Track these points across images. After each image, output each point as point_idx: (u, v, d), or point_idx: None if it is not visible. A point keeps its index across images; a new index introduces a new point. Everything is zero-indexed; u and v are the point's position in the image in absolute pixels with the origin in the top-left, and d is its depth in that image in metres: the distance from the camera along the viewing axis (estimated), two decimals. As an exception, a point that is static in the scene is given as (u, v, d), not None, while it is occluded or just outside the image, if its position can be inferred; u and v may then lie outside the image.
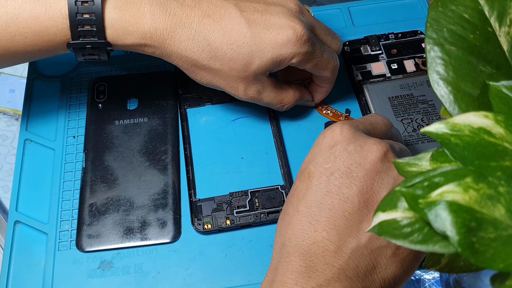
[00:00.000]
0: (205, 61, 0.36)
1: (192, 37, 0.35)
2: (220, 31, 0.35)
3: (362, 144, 0.30)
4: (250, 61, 0.36)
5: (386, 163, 0.30)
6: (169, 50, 0.36)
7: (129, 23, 0.35)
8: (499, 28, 0.24)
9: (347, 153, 0.30)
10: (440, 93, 0.23)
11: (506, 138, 0.20)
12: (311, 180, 0.30)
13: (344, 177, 0.29)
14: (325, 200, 0.29)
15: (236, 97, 0.39)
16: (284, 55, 0.36)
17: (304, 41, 0.36)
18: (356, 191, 0.29)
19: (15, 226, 0.40)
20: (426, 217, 0.18)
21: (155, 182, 0.41)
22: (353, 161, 0.30)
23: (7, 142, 0.50)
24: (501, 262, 0.17)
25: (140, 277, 0.37)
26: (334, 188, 0.29)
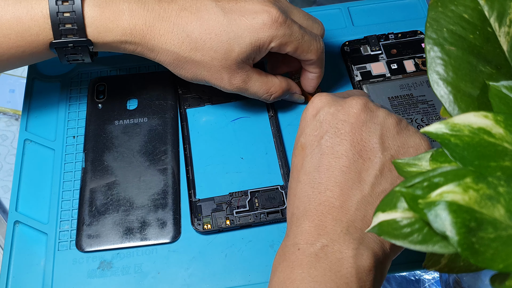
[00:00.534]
0: (186, 53, 0.37)
1: (171, 30, 0.36)
2: (198, 22, 0.36)
3: (341, 103, 0.32)
4: (230, 49, 0.36)
5: (368, 113, 0.31)
6: (150, 45, 0.37)
7: (108, 20, 0.36)
8: (499, 28, 0.24)
9: (330, 115, 0.32)
10: (440, 93, 0.23)
11: (505, 138, 0.20)
12: (305, 151, 0.32)
13: (334, 136, 0.31)
14: (322, 162, 0.31)
15: (222, 89, 0.39)
16: (262, 38, 0.36)
17: (280, 23, 0.36)
18: (348, 146, 0.30)
19: (15, 226, 0.40)
20: (426, 217, 0.18)
21: (155, 182, 0.41)
22: (338, 119, 0.31)
23: (7, 142, 0.50)
24: (500, 262, 0.17)
25: (140, 277, 0.37)
26: (327, 149, 0.31)
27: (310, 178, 0.31)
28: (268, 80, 0.40)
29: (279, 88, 0.41)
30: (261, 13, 0.36)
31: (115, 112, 0.45)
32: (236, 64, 0.37)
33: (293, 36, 0.37)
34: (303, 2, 0.61)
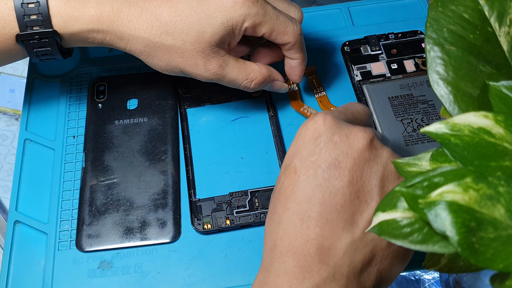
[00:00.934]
0: (157, 37, 0.36)
1: (139, 14, 0.35)
2: (167, 5, 0.35)
3: (347, 133, 0.29)
4: (202, 30, 0.35)
5: (373, 151, 0.29)
6: (118, 32, 0.36)
7: (74, 8, 0.35)
8: (499, 28, 0.24)
9: (333, 143, 0.29)
10: (440, 93, 0.23)
11: (506, 138, 0.20)
12: (298, 175, 0.29)
13: (333, 168, 0.28)
14: (315, 195, 0.28)
15: (199, 77, 0.38)
16: (234, 17, 0.35)
17: (252, 1, 0.35)
18: (346, 182, 0.28)
19: (15, 226, 0.40)
20: (426, 217, 0.18)
21: (155, 182, 0.41)
22: (339, 151, 0.29)
23: (7, 142, 0.50)
24: (500, 262, 0.17)
25: (140, 277, 0.37)
26: (323, 181, 0.28)
27: (300, 209, 0.28)
28: (247, 66, 0.39)
29: (259, 74, 0.39)
30: None
31: (115, 112, 0.45)
32: (210, 47, 0.36)
33: (267, 15, 0.36)
34: (303, 2, 0.61)
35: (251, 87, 0.39)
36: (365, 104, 0.45)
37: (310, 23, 0.50)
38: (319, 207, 0.28)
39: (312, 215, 0.28)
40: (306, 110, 0.44)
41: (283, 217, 0.29)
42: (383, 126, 0.43)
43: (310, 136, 0.30)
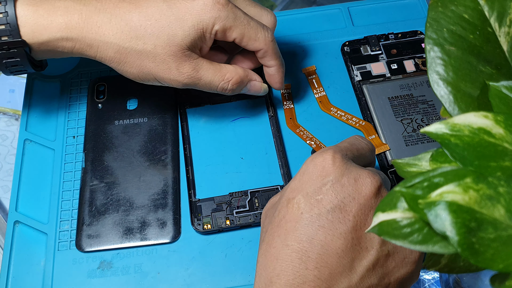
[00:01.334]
0: (127, 42, 0.35)
1: (109, 20, 0.35)
2: (137, 10, 0.35)
3: (355, 176, 0.29)
4: (173, 33, 0.35)
5: (379, 198, 0.29)
6: (88, 40, 0.35)
7: (42, 17, 0.35)
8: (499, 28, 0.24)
9: (340, 185, 0.29)
10: (440, 93, 0.23)
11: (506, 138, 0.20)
12: (301, 212, 0.28)
13: (338, 211, 0.28)
14: (317, 236, 0.28)
15: (174, 83, 0.37)
16: (204, 20, 0.35)
17: (222, 5, 0.35)
18: (350, 228, 0.28)
19: (15, 226, 0.40)
20: (426, 217, 0.18)
21: (154, 182, 0.41)
22: (346, 194, 0.28)
23: (7, 142, 0.50)
24: (500, 263, 0.17)
25: (139, 277, 0.37)
26: (327, 223, 0.28)
27: (300, 248, 0.28)
28: (222, 67, 0.38)
29: (235, 74, 0.38)
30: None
31: (115, 112, 0.45)
32: (182, 50, 0.36)
33: (237, 20, 0.36)
34: (303, 2, 0.61)
35: (228, 88, 0.39)
36: (365, 104, 0.45)
37: (310, 23, 0.50)
38: (320, 249, 0.27)
39: (312, 256, 0.27)
40: (302, 133, 0.43)
41: (281, 253, 0.28)
42: (383, 126, 0.43)
43: (317, 173, 0.29)
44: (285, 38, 0.49)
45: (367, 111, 0.44)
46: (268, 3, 0.61)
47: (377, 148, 0.42)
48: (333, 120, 0.44)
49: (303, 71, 0.47)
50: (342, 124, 0.44)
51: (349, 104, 0.45)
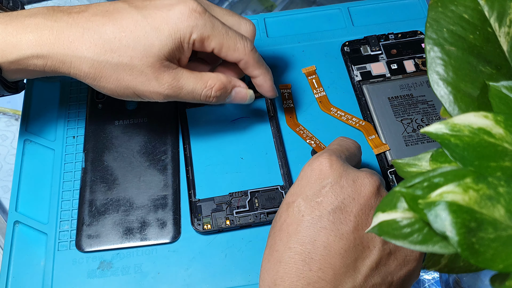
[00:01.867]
0: (101, 56, 0.34)
1: (81, 34, 0.34)
2: (110, 22, 0.34)
3: (354, 178, 0.29)
4: (150, 44, 0.34)
5: (379, 198, 0.29)
6: (60, 56, 0.34)
7: (11, 35, 0.33)
8: (499, 28, 0.24)
9: (340, 187, 0.29)
10: (440, 93, 0.23)
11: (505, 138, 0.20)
12: (303, 215, 0.29)
13: (339, 212, 0.28)
14: (320, 237, 0.28)
15: (154, 96, 0.36)
16: (181, 29, 0.34)
17: (199, 13, 0.34)
18: (351, 228, 0.28)
19: (14, 226, 0.40)
20: (426, 217, 0.18)
21: (154, 182, 0.41)
22: (346, 195, 0.29)
23: (6, 142, 0.50)
24: (500, 263, 0.17)
25: (139, 277, 0.37)
26: (329, 224, 0.28)
27: (303, 250, 0.28)
28: (203, 74, 0.37)
29: (217, 80, 0.37)
30: (177, 4, 0.34)
31: (115, 112, 0.45)
32: (160, 61, 0.34)
33: (215, 29, 0.35)
34: (303, 2, 0.61)
35: (212, 94, 0.37)
36: (365, 104, 0.45)
37: (310, 23, 0.50)
38: (323, 250, 0.27)
39: (316, 258, 0.27)
40: (302, 132, 0.43)
41: (284, 256, 0.28)
42: (383, 126, 0.43)
43: (316, 177, 0.29)
44: (285, 38, 0.49)
45: (367, 111, 0.44)
46: (268, 3, 0.61)
47: (377, 148, 0.42)
48: (333, 120, 0.44)
49: (303, 71, 0.47)
50: (342, 124, 0.44)
51: (349, 104, 0.45)
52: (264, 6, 0.61)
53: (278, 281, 0.28)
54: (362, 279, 0.27)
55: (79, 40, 0.34)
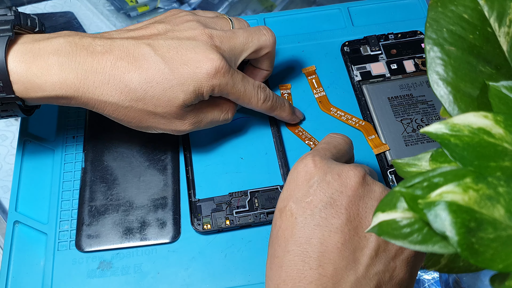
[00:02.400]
0: (127, 102, 0.35)
1: (107, 81, 0.34)
2: (137, 71, 0.34)
3: (338, 172, 0.30)
4: (174, 96, 0.35)
5: (366, 187, 0.30)
6: (84, 98, 0.35)
7: (35, 76, 0.33)
8: (498, 28, 0.24)
9: (326, 183, 0.29)
10: (440, 93, 0.23)
11: (505, 138, 0.20)
12: (295, 217, 0.29)
13: (329, 207, 0.29)
14: (315, 235, 0.28)
15: (175, 133, 0.38)
16: (205, 86, 0.36)
17: (223, 73, 0.36)
18: (344, 220, 0.28)
19: (14, 226, 0.40)
20: (426, 217, 0.18)
21: (154, 182, 0.41)
22: (334, 190, 0.29)
23: (6, 142, 0.50)
24: (500, 263, 0.17)
25: (139, 277, 0.37)
26: (321, 220, 0.28)
27: (301, 250, 0.28)
28: (216, 101, 0.39)
29: (231, 104, 0.40)
30: (204, 62, 0.35)
31: (115, 112, 0.44)
32: (183, 109, 0.36)
33: (235, 87, 0.37)
34: (303, 2, 0.61)
35: (229, 117, 0.40)
36: (365, 104, 0.45)
37: (310, 23, 0.50)
38: (320, 247, 0.28)
39: (314, 256, 0.28)
40: (301, 133, 0.44)
41: (284, 260, 0.28)
42: (382, 126, 0.43)
43: (302, 178, 0.30)
44: (285, 38, 0.49)
45: (367, 111, 0.44)
46: (268, 3, 0.61)
47: (377, 148, 0.42)
48: (333, 120, 0.44)
49: (303, 71, 0.47)
50: (342, 124, 0.44)
51: (349, 104, 0.45)
52: (264, 6, 0.61)
53: (281, 285, 0.28)
54: (363, 270, 0.27)
55: (105, 87, 0.34)
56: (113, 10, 0.60)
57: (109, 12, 0.59)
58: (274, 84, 0.46)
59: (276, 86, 0.46)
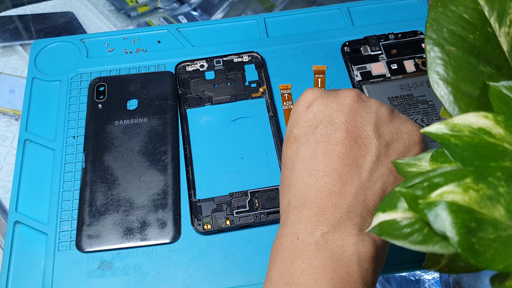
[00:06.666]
0: None
1: None
2: None
3: (334, 95, 0.32)
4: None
5: (362, 103, 0.32)
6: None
7: None
8: (499, 28, 0.24)
9: (324, 105, 0.32)
10: (440, 93, 0.23)
11: (506, 138, 0.20)
12: (299, 141, 0.31)
13: (329, 125, 0.31)
14: (317, 150, 0.30)
15: None
16: None
17: None
18: (343, 133, 0.30)
19: (15, 227, 0.40)
20: (426, 217, 0.18)
21: (155, 182, 0.41)
22: (332, 109, 0.31)
23: (7, 143, 0.50)
24: (501, 263, 0.17)
25: (139, 277, 0.37)
26: (322, 137, 0.31)
27: (306, 166, 0.30)
28: None
29: None
30: None
31: (115, 112, 0.45)
32: None
33: None
34: (303, 2, 0.61)
35: None
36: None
37: (310, 23, 0.50)
38: (323, 159, 0.30)
39: (319, 168, 0.30)
40: None
41: (292, 178, 0.31)
42: (383, 126, 0.43)
43: (303, 107, 0.33)
44: (285, 38, 0.49)
45: (367, 111, 0.44)
46: (268, 3, 0.61)
47: None
48: (333, 120, 0.44)
49: (314, 68, 0.47)
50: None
51: (349, 104, 0.45)
52: (264, 6, 0.61)
53: (291, 199, 0.30)
54: (367, 174, 0.29)
55: None
56: (113, 10, 0.60)
57: (109, 12, 0.59)
58: (274, 84, 0.47)
59: (276, 86, 0.46)
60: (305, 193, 0.29)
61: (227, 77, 0.46)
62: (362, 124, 0.31)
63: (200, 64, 0.47)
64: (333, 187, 0.29)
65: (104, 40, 0.50)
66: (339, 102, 0.32)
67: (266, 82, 0.46)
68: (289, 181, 0.31)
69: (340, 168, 0.29)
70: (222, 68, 0.47)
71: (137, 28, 0.53)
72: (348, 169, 0.29)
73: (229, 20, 0.51)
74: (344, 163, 0.29)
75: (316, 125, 0.31)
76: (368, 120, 0.31)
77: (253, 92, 0.45)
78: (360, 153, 0.30)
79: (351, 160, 0.30)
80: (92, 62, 0.48)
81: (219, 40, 0.50)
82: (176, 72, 0.47)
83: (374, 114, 0.31)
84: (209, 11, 0.60)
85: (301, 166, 0.30)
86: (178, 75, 0.46)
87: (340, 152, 0.30)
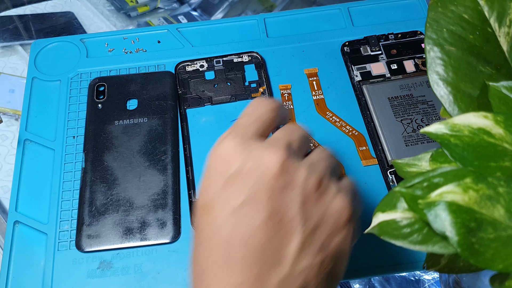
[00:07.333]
0: None
1: None
2: None
3: (257, 159, 0.27)
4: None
5: (288, 176, 0.27)
6: None
7: None
8: (498, 28, 0.24)
9: (245, 174, 0.27)
10: (440, 93, 0.23)
11: (505, 138, 0.20)
12: (212, 215, 0.27)
13: (250, 202, 0.26)
14: (236, 235, 0.26)
15: None
16: None
17: None
18: (266, 216, 0.26)
19: (14, 226, 0.40)
20: (426, 217, 0.18)
21: (154, 182, 0.41)
22: (253, 182, 0.26)
23: (6, 142, 0.50)
24: (500, 263, 0.17)
25: (139, 277, 0.37)
26: (241, 218, 0.26)
27: (221, 254, 0.26)
28: None
29: None
30: None
31: (115, 112, 0.45)
32: None
33: None
34: (303, 2, 0.61)
35: None
36: (365, 104, 0.45)
37: (310, 23, 0.50)
38: (242, 249, 0.25)
39: (236, 259, 0.25)
40: None
41: (205, 265, 0.26)
42: (383, 126, 0.43)
43: (220, 168, 0.28)
44: (285, 38, 0.49)
45: (367, 111, 0.44)
46: (268, 3, 0.61)
47: (366, 161, 0.42)
48: (328, 124, 0.44)
49: (305, 71, 0.47)
50: (336, 129, 0.44)
51: (349, 105, 0.45)
52: (264, 6, 0.61)
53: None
54: (289, 267, 0.25)
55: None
56: (113, 10, 0.60)
57: (109, 12, 0.59)
58: (274, 84, 0.47)
59: (276, 86, 0.46)
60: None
61: (227, 77, 0.46)
62: (288, 202, 0.26)
63: (200, 64, 0.47)
64: (251, 286, 0.25)
65: (104, 40, 0.50)
66: (262, 173, 0.26)
67: (266, 82, 0.46)
68: (202, 265, 0.26)
69: (261, 262, 0.25)
70: (222, 68, 0.47)
71: (137, 28, 0.53)
72: (270, 263, 0.25)
73: (229, 20, 0.51)
74: (266, 256, 0.25)
75: (235, 199, 0.26)
76: (295, 198, 0.26)
77: (253, 92, 0.45)
78: (283, 242, 0.26)
79: (274, 250, 0.25)
80: (92, 62, 0.48)
81: (219, 40, 0.50)
82: (176, 72, 0.47)
83: (301, 189, 0.27)
84: (209, 11, 0.60)
85: (216, 253, 0.26)
86: (178, 75, 0.46)
87: (261, 241, 0.25)
